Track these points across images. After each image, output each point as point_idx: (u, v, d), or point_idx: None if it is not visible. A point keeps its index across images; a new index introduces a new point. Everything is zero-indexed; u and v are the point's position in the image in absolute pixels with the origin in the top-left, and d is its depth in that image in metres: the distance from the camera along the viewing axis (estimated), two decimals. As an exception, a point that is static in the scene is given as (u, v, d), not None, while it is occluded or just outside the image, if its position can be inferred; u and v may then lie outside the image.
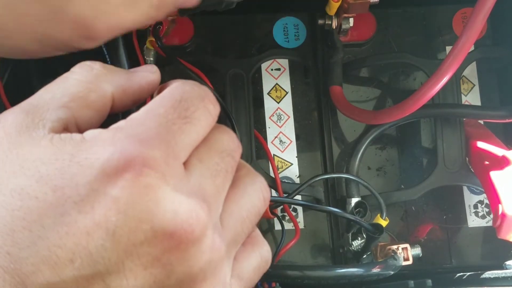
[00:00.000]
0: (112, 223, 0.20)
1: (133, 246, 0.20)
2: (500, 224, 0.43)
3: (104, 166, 0.20)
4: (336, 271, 0.43)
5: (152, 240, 0.20)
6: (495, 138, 0.50)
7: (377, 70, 0.56)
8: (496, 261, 0.50)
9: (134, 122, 0.23)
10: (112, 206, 0.20)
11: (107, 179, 0.20)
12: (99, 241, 0.20)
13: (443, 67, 0.42)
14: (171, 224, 0.21)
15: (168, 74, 0.55)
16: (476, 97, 0.55)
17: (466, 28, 0.40)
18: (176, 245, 0.21)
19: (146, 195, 0.20)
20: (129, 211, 0.20)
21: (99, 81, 0.25)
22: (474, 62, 0.54)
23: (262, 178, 0.27)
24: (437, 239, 0.53)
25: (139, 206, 0.20)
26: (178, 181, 0.22)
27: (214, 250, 0.23)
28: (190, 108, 0.24)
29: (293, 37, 0.55)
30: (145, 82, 0.27)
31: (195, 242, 0.21)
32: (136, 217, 0.20)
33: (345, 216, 0.47)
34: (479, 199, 0.53)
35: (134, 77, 0.26)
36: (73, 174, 0.20)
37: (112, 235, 0.20)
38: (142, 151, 0.21)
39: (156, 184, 0.21)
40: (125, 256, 0.20)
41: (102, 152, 0.21)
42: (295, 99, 0.55)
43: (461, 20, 0.55)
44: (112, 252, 0.20)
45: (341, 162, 0.54)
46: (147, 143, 0.21)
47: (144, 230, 0.20)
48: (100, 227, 0.20)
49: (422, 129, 0.54)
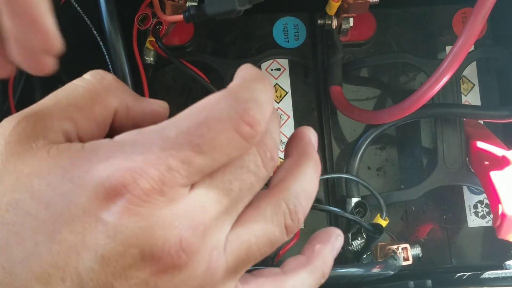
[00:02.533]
0: (101, 246, 0.20)
1: (122, 269, 0.20)
2: (500, 224, 0.43)
3: (97, 190, 0.20)
4: (336, 271, 0.42)
5: (141, 263, 0.20)
6: (495, 138, 0.50)
7: (377, 70, 0.56)
8: (496, 261, 0.50)
9: (139, 138, 0.21)
10: (102, 229, 0.20)
11: (99, 203, 0.20)
12: (88, 262, 0.20)
13: (443, 67, 0.42)
14: (159, 250, 0.20)
15: (168, 74, 0.55)
16: (476, 97, 0.55)
17: (466, 28, 0.40)
18: (163, 269, 0.21)
19: (136, 222, 0.20)
20: (118, 236, 0.20)
21: (108, 94, 0.24)
22: (474, 62, 0.54)
23: (293, 206, 0.24)
24: (437, 239, 0.53)
25: (129, 231, 0.20)
26: (173, 205, 0.21)
27: (208, 275, 0.22)
28: (206, 135, 0.21)
29: (293, 37, 0.55)
30: (150, 110, 0.26)
31: (182, 268, 0.21)
32: (125, 242, 0.20)
33: (345, 216, 0.47)
34: (479, 199, 0.53)
35: (141, 101, 0.26)
36: (64, 192, 0.20)
37: (101, 258, 0.20)
38: (137, 177, 0.20)
39: (148, 213, 0.20)
40: (114, 278, 0.20)
41: (96, 172, 0.20)
42: (295, 99, 0.55)
43: (461, 20, 0.55)
44: (100, 274, 0.20)
45: (341, 162, 0.54)
46: (144, 166, 0.20)
47: (133, 254, 0.20)
48: (90, 249, 0.20)
49: (422, 129, 0.54)
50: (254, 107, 0.22)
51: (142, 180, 0.20)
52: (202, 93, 0.54)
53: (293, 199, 0.24)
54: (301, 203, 0.24)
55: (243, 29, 0.56)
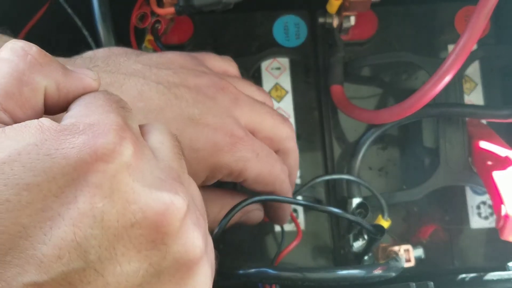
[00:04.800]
0: (99, 209, 0.19)
1: (124, 229, 0.20)
2: (503, 225, 0.43)
3: (81, 155, 0.19)
4: (337, 273, 0.42)
5: (143, 221, 0.20)
6: (498, 138, 0.49)
7: (378, 69, 0.55)
8: (499, 263, 0.49)
9: (84, 112, 0.22)
10: (96, 192, 0.19)
11: (86, 167, 0.19)
12: (87, 230, 0.19)
13: (445, 66, 0.41)
14: (160, 203, 0.20)
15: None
16: (479, 97, 0.54)
17: (468, 27, 0.40)
18: (169, 222, 0.21)
19: (129, 176, 0.20)
20: (114, 195, 0.20)
21: (34, 72, 0.22)
22: (476, 61, 0.54)
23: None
24: (440, 241, 0.52)
25: (124, 187, 0.20)
26: (153, 162, 0.22)
27: (202, 227, 0.23)
28: (121, 100, 0.23)
29: (293, 35, 0.54)
30: (82, 86, 0.24)
31: (185, 219, 0.21)
32: (123, 199, 0.20)
33: (346, 217, 0.47)
34: (482, 200, 0.53)
35: (72, 77, 0.24)
36: (46, 168, 0.19)
37: (101, 221, 0.19)
38: (113, 132, 0.20)
39: (137, 165, 0.20)
40: (116, 240, 0.20)
41: (74, 141, 0.20)
42: (296, 99, 0.54)
43: (463, 19, 0.55)
44: (102, 239, 0.19)
45: (342, 162, 0.54)
46: (113, 124, 0.21)
47: (133, 211, 0.20)
48: (87, 215, 0.19)
49: (424, 128, 0.54)
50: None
51: (120, 136, 0.20)
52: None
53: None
54: None
55: (243, 28, 0.55)
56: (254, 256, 0.52)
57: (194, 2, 0.41)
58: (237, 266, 0.41)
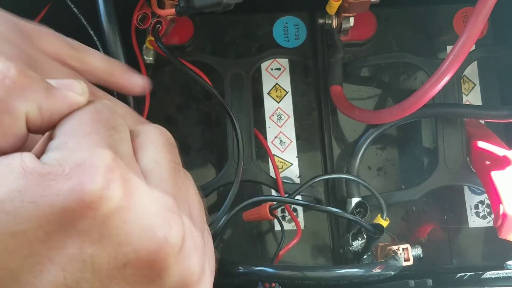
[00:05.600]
0: (89, 254, 0.19)
1: (116, 270, 0.19)
2: (501, 224, 0.43)
3: (67, 202, 0.18)
4: (337, 272, 0.42)
5: (136, 261, 0.20)
6: (496, 138, 0.50)
7: (377, 70, 0.56)
8: (497, 262, 0.50)
9: (70, 144, 0.20)
10: (85, 239, 0.19)
11: (74, 215, 0.19)
12: (77, 274, 0.19)
13: (444, 67, 0.42)
14: (153, 241, 0.20)
15: (168, 74, 0.55)
16: (477, 97, 0.55)
17: (467, 28, 0.40)
18: (164, 259, 0.20)
19: (119, 219, 0.19)
20: (105, 239, 0.19)
21: (12, 98, 0.20)
22: (475, 61, 0.54)
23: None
24: (438, 240, 0.53)
25: (115, 231, 0.19)
26: (145, 196, 0.20)
27: (199, 248, 0.22)
28: (110, 118, 0.21)
29: (293, 36, 0.55)
30: (66, 105, 0.21)
31: (181, 250, 0.21)
32: (114, 243, 0.19)
33: (345, 216, 0.47)
34: (480, 199, 0.53)
35: (55, 96, 0.21)
36: (31, 216, 0.18)
37: (91, 265, 0.19)
38: (100, 177, 0.19)
39: (126, 207, 0.19)
40: (109, 280, 0.19)
41: (59, 187, 0.18)
42: (295, 99, 0.54)
43: (462, 20, 0.55)
44: (94, 281, 0.19)
45: (341, 162, 0.54)
46: (100, 165, 0.19)
47: (125, 253, 0.19)
48: (76, 260, 0.19)
49: (423, 129, 0.54)
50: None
51: (108, 176, 0.19)
52: (202, 92, 0.54)
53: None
54: None
55: (243, 29, 0.55)
56: (254, 255, 0.52)
57: (195, 3, 0.41)
58: (237, 265, 0.41)
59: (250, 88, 0.51)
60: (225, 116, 0.50)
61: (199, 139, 0.54)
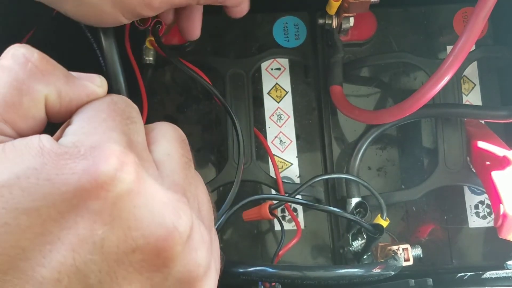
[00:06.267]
0: (99, 236, 0.19)
1: (125, 254, 0.20)
2: (501, 224, 0.43)
3: (81, 182, 0.19)
4: (336, 272, 0.42)
5: (145, 246, 0.20)
6: (497, 138, 0.50)
7: (377, 70, 0.56)
8: (497, 262, 0.50)
9: (86, 129, 0.21)
10: (96, 219, 0.19)
11: (86, 194, 0.19)
12: (86, 255, 0.19)
13: (444, 67, 0.42)
14: (162, 228, 0.20)
15: (168, 74, 0.55)
16: (477, 97, 0.55)
17: (467, 28, 0.40)
18: (171, 247, 0.20)
19: (130, 202, 0.20)
20: (115, 222, 0.19)
21: (34, 80, 0.21)
22: (475, 61, 0.54)
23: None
24: (438, 240, 0.53)
25: (126, 215, 0.20)
26: (156, 184, 0.21)
27: (206, 243, 0.23)
28: (126, 109, 0.23)
29: (293, 36, 0.55)
30: (85, 94, 0.23)
31: (188, 241, 0.21)
32: (124, 226, 0.19)
33: (345, 216, 0.47)
34: (480, 199, 0.53)
35: (75, 85, 0.23)
36: (45, 193, 0.19)
37: (100, 247, 0.19)
38: (115, 158, 0.19)
39: (138, 190, 0.20)
40: (117, 265, 0.20)
41: (74, 166, 0.19)
42: (295, 99, 0.54)
43: (462, 20, 0.55)
44: (102, 264, 0.19)
45: (341, 162, 0.54)
46: (114, 148, 0.20)
47: (135, 238, 0.20)
48: (86, 242, 0.19)
49: (423, 129, 0.54)
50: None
51: (122, 159, 0.20)
52: (202, 92, 0.54)
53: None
54: None
55: (243, 29, 0.55)
56: (253, 254, 0.52)
57: None
58: (237, 265, 0.41)
59: (250, 88, 0.51)
60: (225, 116, 0.50)
61: (199, 139, 0.54)
